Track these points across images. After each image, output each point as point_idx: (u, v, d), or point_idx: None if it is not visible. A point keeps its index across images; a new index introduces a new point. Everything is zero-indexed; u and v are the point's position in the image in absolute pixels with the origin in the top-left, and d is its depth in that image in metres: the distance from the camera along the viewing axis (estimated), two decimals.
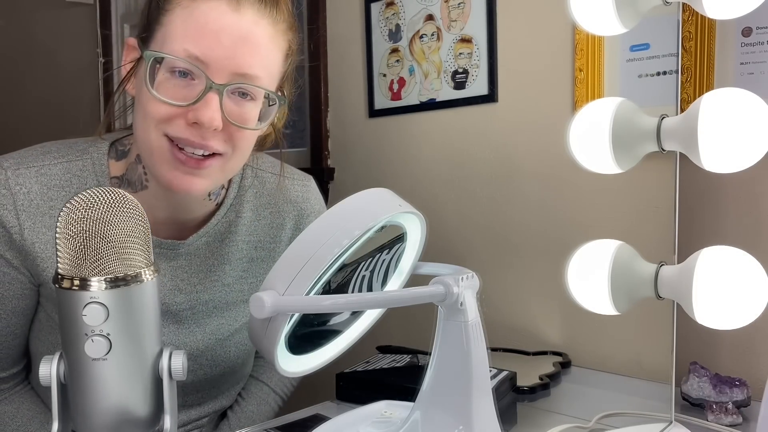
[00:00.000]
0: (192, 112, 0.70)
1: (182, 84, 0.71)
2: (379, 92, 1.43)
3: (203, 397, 0.93)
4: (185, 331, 0.86)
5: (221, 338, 0.89)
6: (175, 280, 0.84)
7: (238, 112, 0.73)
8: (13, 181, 0.76)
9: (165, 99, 0.70)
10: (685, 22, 0.97)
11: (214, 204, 0.86)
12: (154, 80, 0.71)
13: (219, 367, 0.90)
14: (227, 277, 0.88)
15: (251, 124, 0.75)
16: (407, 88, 1.38)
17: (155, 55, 0.71)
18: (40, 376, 0.50)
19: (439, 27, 1.32)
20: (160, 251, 0.82)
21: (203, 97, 0.69)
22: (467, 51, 1.27)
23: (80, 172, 0.79)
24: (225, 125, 0.72)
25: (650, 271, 0.71)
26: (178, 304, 0.84)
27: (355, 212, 0.56)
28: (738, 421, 0.83)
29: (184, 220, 0.83)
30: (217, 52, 0.70)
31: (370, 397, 0.77)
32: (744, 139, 0.63)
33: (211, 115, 0.69)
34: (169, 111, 0.71)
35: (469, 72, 1.27)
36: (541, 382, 0.95)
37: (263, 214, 0.90)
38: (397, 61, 1.40)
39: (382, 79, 1.43)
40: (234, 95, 0.73)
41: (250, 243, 0.89)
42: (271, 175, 0.92)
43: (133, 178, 0.81)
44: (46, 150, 0.80)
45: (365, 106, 1.46)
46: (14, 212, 0.75)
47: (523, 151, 1.19)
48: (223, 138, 0.73)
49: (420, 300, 0.56)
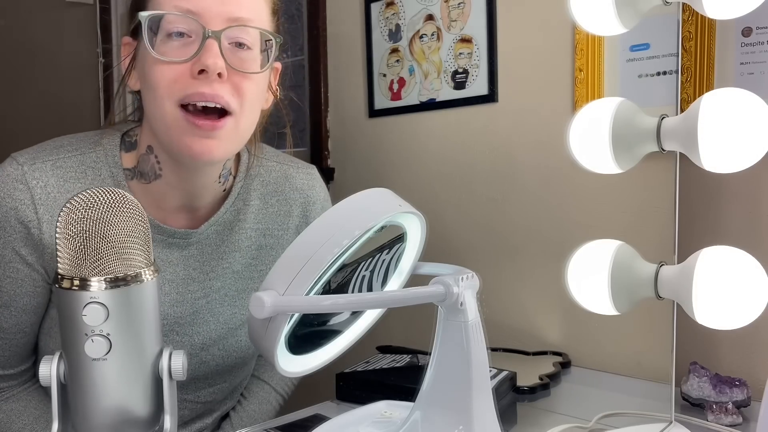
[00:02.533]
0: (195, 64, 0.72)
1: (180, 43, 0.73)
2: (379, 92, 1.43)
3: (215, 392, 0.93)
4: (200, 320, 0.87)
5: (233, 327, 0.90)
6: (188, 269, 0.85)
7: (239, 60, 0.75)
8: (30, 175, 0.77)
9: (166, 58, 0.73)
10: (685, 22, 0.97)
11: (223, 190, 0.87)
12: (153, 45, 0.73)
13: (231, 358, 0.91)
14: (237, 264, 0.89)
15: (254, 69, 0.77)
16: (407, 88, 1.38)
17: (150, 14, 0.73)
18: (40, 376, 0.50)
19: (439, 27, 1.32)
20: (173, 241, 0.83)
21: (203, 45, 0.72)
22: (467, 51, 1.27)
23: (94, 163, 0.81)
24: (229, 74, 0.74)
25: (650, 271, 0.71)
26: (192, 293, 0.86)
27: (355, 212, 0.56)
28: (738, 421, 0.83)
29: (196, 208, 0.85)
30: (205, 1, 0.73)
31: (370, 397, 0.77)
32: (744, 139, 0.63)
33: (213, 59, 0.72)
34: (174, 71, 0.73)
35: (469, 72, 1.27)
36: (541, 382, 0.95)
37: (270, 201, 0.92)
38: (397, 61, 1.40)
39: (382, 79, 1.43)
40: (231, 46, 0.75)
41: (258, 230, 0.90)
42: (276, 163, 0.94)
43: (146, 169, 0.82)
44: (58, 144, 0.81)
45: (365, 106, 1.46)
46: (32, 206, 0.76)
47: (523, 151, 1.19)
48: (230, 90, 0.74)
49: (420, 300, 0.56)
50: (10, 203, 0.76)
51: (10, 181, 0.77)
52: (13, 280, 0.79)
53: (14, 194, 0.76)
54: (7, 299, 0.79)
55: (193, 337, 0.87)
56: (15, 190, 0.76)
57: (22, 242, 0.77)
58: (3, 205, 0.76)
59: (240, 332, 0.91)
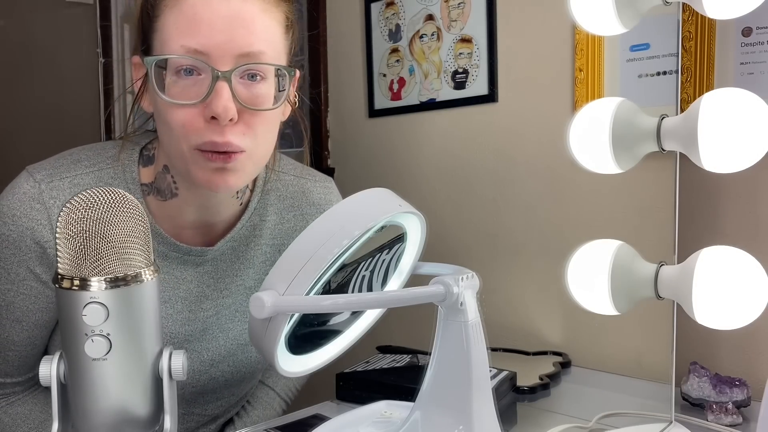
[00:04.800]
0: (207, 108, 0.70)
1: (191, 82, 0.70)
2: (379, 92, 1.43)
3: (222, 405, 0.93)
4: (209, 337, 0.86)
5: (243, 343, 0.88)
6: (201, 286, 0.84)
7: (251, 96, 0.72)
8: (47, 194, 0.75)
9: (177, 101, 0.70)
10: (685, 22, 0.97)
11: (239, 204, 0.85)
12: (163, 86, 0.71)
13: (240, 373, 0.90)
14: (250, 281, 0.88)
15: (267, 105, 0.73)
16: (407, 88, 1.38)
17: (155, 59, 0.70)
18: (40, 376, 0.50)
19: (439, 27, 1.32)
20: (188, 258, 0.82)
21: (213, 89, 0.69)
22: (467, 51, 1.27)
23: (111, 180, 0.79)
24: (241, 113, 0.71)
25: (650, 271, 0.71)
26: (204, 311, 0.85)
27: (355, 212, 0.56)
28: (738, 421, 0.83)
29: (213, 223, 0.83)
30: (213, 39, 0.69)
31: (370, 397, 0.77)
32: (744, 139, 0.63)
33: (224, 104, 0.68)
34: (186, 114, 0.70)
35: (469, 72, 1.27)
36: (541, 382, 0.95)
37: (287, 216, 0.90)
38: (397, 61, 1.40)
39: (382, 79, 1.43)
40: (244, 79, 0.72)
41: (273, 246, 0.89)
42: (293, 177, 0.92)
43: (163, 187, 0.80)
44: (76, 159, 0.79)
45: (365, 106, 1.46)
46: (49, 227, 0.75)
47: (523, 151, 1.19)
48: (242, 130, 0.72)
49: (420, 300, 0.56)
50: (26, 223, 0.75)
51: (27, 200, 0.75)
52: (26, 297, 0.78)
53: (31, 214, 0.75)
54: (20, 315, 0.78)
55: (203, 354, 0.85)
56: (32, 210, 0.75)
57: (37, 261, 0.76)
58: (19, 224, 0.75)
59: (249, 348, 0.89)
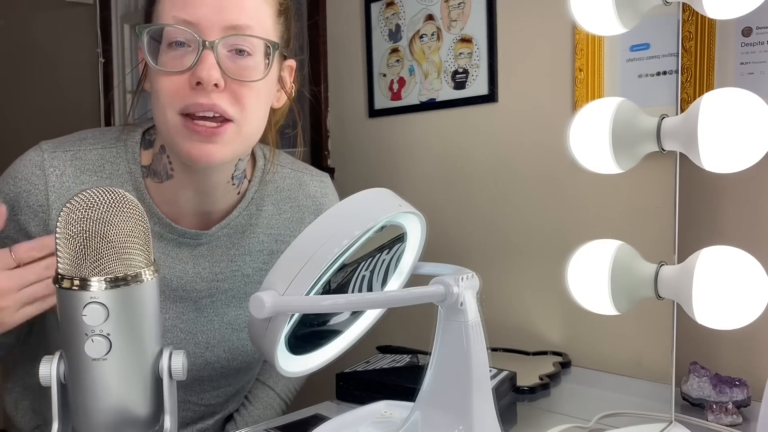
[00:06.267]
0: (192, 75, 0.73)
1: (181, 54, 0.74)
2: (379, 92, 1.43)
3: (219, 395, 0.94)
4: (203, 319, 0.88)
5: (238, 329, 0.90)
6: (197, 267, 0.86)
7: (237, 68, 0.75)
8: (48, 162, 0.80)
9: (167, 69, 0.74)
10: (685, 22, 0.97)
11: (236, 193, 0.88)
12: (156, 57, 0.75)
13: (236, 361, 0.91)
14: (247, 268, 0.90)
15: (254, 77, 0.76)
16: (407, 88, 1.38)
17: (146, 27, 0.75)
18: (40, 376, 0.50)
19: (439, 27, 1.32)
20: (183, 240, 0.85)
21: (199, 57, 0.73)
22: (467, 51, 1.27)
23: (114, 158, 0.83)
24: (227, 83, 0.74)
25: (650, 271, 0.71)
26: (198, 291, 0.87)
27: (355, 212, 0.56)
28: (738, 421, 0.84)
29: (211, 212, 0.86)
30: (202, 10, 0.73)
31: (370, 397, 0.77)
32: (744, 139, 0.63)
33: (208, 71, 0.72)
34: (174, 82, 0.74)
35: (469, 72, 1.27)
36: (541, 382, 0.95)
37: (284, 208, 0.93)
38: (397, 61, 1.40)
39: (382, 79, 1.43)
40: (231, 53, 0.75)
41: (270, 236, 0.91)
42: (291, 170, 0.95)
43: (159, 168, 0.83)
44: (82, 136, 0.85)
45: (365, 106, 1.46)
46: (44, 193, 0.79)
47: (523, 151, 1.19)
48: (229, 99, 0.75)
49: (420, 300, 0.56)
50: (24, 186, 0.80)
51: (30, 166, 0.80)
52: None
53: (30, 179, 0.80)
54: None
55: (197, 336, 0.87)
56: (32, 175, 0.80)
57: (30, 220, 0.80)
58: (18, 186, 0.80)
59: (245, 335, 0.91)
